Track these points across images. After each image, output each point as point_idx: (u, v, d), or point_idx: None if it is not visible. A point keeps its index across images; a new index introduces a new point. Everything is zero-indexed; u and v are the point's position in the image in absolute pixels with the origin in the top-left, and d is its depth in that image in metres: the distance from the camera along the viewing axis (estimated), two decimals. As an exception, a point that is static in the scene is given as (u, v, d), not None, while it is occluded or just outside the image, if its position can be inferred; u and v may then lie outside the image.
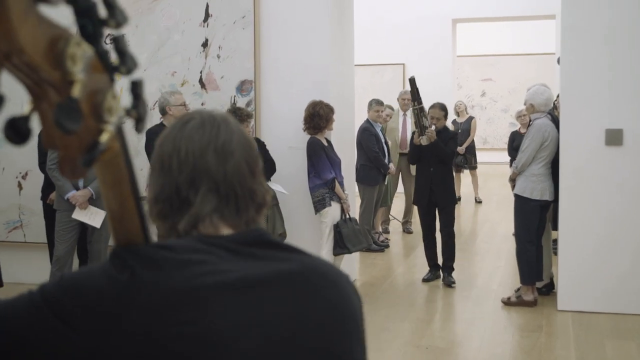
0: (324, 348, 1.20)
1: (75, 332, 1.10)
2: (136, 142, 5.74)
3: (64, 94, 0.91)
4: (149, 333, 1.10)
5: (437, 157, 6.57)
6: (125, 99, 1.04)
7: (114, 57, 1.02)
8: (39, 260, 6.33)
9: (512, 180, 6.11)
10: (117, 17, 0.98)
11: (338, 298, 1.25)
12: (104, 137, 0.99)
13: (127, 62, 1.03)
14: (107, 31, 0.98)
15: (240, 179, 1.25)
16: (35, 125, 0.90)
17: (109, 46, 0.97)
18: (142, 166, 5.68)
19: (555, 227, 6.18)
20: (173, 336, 1.10)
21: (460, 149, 11.27)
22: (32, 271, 6.18)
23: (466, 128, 11.54)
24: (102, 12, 0.97)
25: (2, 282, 5.83)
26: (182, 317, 1.10)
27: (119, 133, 1.09)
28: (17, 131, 0.87)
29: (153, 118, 6.07)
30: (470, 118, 11.81)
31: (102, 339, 1.10)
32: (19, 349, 1.12)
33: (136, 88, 1.08)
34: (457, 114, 11.87)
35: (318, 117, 5.81)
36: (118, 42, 1.03)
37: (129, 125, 1.09)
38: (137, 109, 1.07)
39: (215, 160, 1.24)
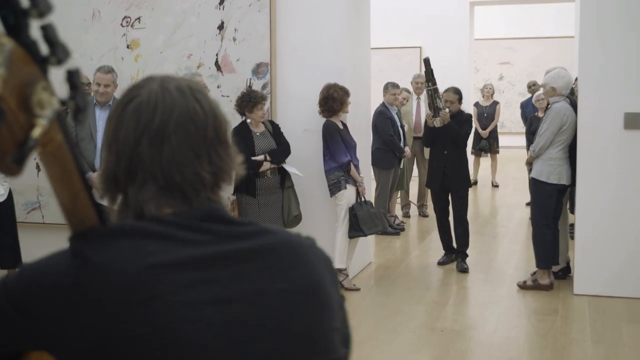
0: (287, 325, 1.16)
1: (37, 323, 1.09)
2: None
3: None
4: (107, 317, 1.07)
5: (452, 139, 6.54)
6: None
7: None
8: (58, 240, 6.35)
9: (529, 164, 6.07)
10: (39, 6, 0.93)
11: (301, 272, 1.20)
12: (36, 132, 0.94)
13: (57, 53, 0.99)
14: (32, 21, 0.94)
15: (179, 167, 1.16)
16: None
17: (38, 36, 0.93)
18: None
19: (572, 211, 6.14)
20: (130, 319, 1.07)
21: (484, 133, 11.20)
22: (50, 251, 6.22)
23: (491, 112, 11.47)
24: (25, 2, 0.93)
25: (22, 262, 5.88)
26: (138, 298, 1.07)
27: (61, 124, 1.05)
28: None
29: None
30: (495, 103, 11.72)
31: (62, 329, 1.09)
32: None
33: (72, 77, 1.02)
34: (483, 95, 11.79)
35: (332, 100, 5.80)
36: (47, 32, 0.98)
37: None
38: (75, 99, 1.02)
39: (149, 150, 1.16)
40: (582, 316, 5.26)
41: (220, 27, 6.27)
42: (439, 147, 6.66)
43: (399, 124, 8.13)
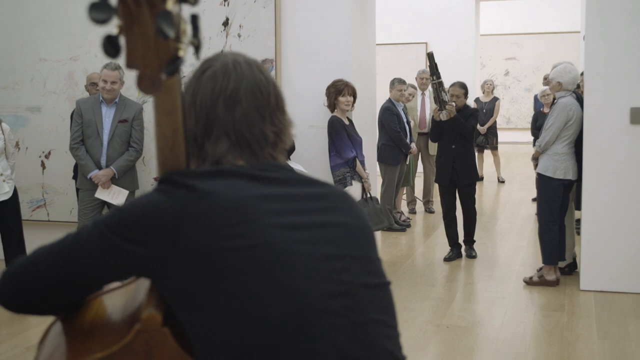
0: (352, 250, 1.40)
1: (146, 247, 1.28)
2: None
3: (158, 9, 1.09)
4: (212, 234, 1.27)
5: (459, 132, 6.54)
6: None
7: None
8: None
9: (535, 159, 6.05)
10: None
11: (353, 212, 1.45)
12: (181, 53, 1.15)
13: None
14: None
15: (249, 125, 1.41)
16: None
17: None
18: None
19: (578, 207, 6.12)
20: (233, 235, 1.28)
21: (482, 129, 11.17)
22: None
23: (490, 108, 11.45)
24: None
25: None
26: (240, 219, 1.29)
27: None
28: (112, 45, 1.10)
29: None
30: (495, 99, 11.69)
31: (171, 249, 1.27)
32: (100, 279, 1.33)
33: (195, 20, 1.23)
34: (484, 91, 11.76)
35: (327, 96, 5.89)
36: None
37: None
38: (197, 38, 1.23)
39: (224, 110, 1.40)
40: (589, 312, 5.25)
41: (225, 23, 6.27)
42: (446, 142, 6.67)
43: (405, 120, 8.12)
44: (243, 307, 1.26)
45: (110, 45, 1.09)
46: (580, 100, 5.83)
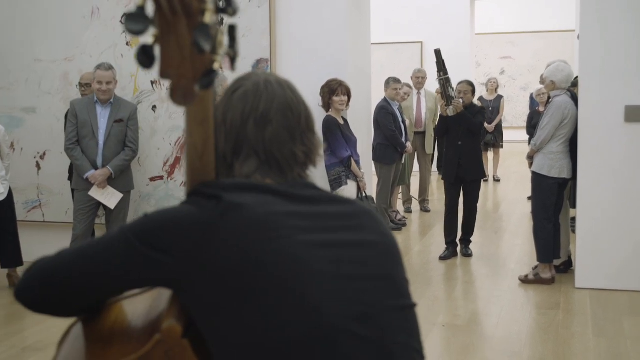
0: (379, 269, 1.38)
1: (173, 257, 1.26)
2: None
3: (195, 21, 1.08)
4: (239, 247, 1.26)
5: (466, 128, 6.57)
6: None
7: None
8: (58, 239, 6.38)
9: (530, 158, 6.06)
10: None
11: (381, 230, 1.44)
12: (216, 65, 1.15)
13: (232, 5, 1.18)
14: None
15: (279, 145, 1.41)
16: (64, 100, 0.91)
17: None
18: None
19: (573, 205, 6.14)
20: (260, 250, 1.26)
21: (490, 127, 11.19)
22: (50, 250, 6.16)
23: (496, 106, 11.48)
24: None
25: (22, 261, 5.90)
26: (268, 235, 1.28)
27: None
28: (147, 55, 1.07)
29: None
30: (500, 96, 11.74)
31: (197, 261, 1.26)
32: (121, 286, 1.33)
33: (233, 31, 1.26)
34: (487, 89, 11.79)
35: (321, 96, 5.89)
36: None
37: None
38: (234, 49, 1.25)
39: (254, 130, 1.40)
40: (584, 310, 5.26)
41: (220, 23, 6.25)
42: (452, 138, 6.71)
43: (401, 119, 8.13)
44: (266, 324, 1.25)
45: (144, 56, 1.07)
46: (575, 98, 5.84)
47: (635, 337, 4.67)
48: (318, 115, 5.98)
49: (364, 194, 5.99)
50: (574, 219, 6.44)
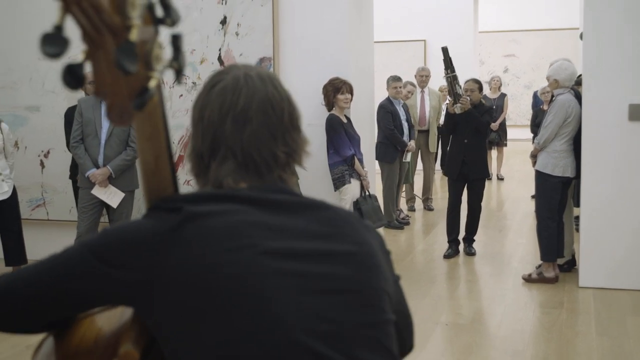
0: (348, 282, 1.27)
1: (129, 273, 1.20)
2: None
3: (121, 39, 0.99)
4: (200, 260, 1.19)
5: (473, 127, 6.57)
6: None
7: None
8: (62, 237, 6.39)
9: (534, 157, 6.05)
10: None
11: (366, 239, 1.34)
12: (153, 83, 1.05)
13: (171, 15, 1.09)
14: None
15: (258, 146, 1.31)
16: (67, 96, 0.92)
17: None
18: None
19: (577, 204, 6.13)
20: (222, 262, 1.19)
21: (494, 125, 11.18)
22: (55, 248, 6.15)
23: (500, 105, 11.47)
24: None
25: (26, 259, 5.91)
26: (230, 245, 1.20)
27: (158, 87, 1.14)
28: (73, 76, 0.98)
29: (173, 96, 6.07)
30: (503, 95, 11.74)
31: (153, 274, 1.19)
32: (79, 304, 1.26)
33: (177, 41, 1.14)
34: (490, 88, 11.79)
35: (324, 94, 5.89)
36: None
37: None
38: (178, 61, 1.14)
39: (232, 128, 1.31)
40: (587, 309, 5.25)
41: (223, 22, 6.27)
42: (458, 135, 6.71)
43: (404, 117, 8.12)
44: (226, 339, 1.18)
45: (70, 76, 0.98)
46: (579, 97, 5.82)
47: (639, 337, 4.67)
48: (320, 114, 5.98)
49: (367, 193, 5.99)
50: (577, 217, 6.43)
